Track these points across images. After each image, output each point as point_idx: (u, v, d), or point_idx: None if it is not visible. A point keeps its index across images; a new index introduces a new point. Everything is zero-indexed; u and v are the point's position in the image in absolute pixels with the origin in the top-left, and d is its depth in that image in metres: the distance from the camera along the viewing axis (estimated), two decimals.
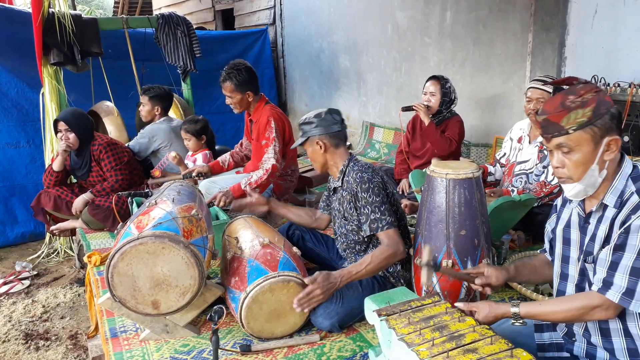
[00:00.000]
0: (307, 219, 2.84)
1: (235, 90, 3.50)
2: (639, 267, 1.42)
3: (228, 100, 3.57)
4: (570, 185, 1.55)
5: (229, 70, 3.50)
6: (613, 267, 1.47)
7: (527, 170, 3.15)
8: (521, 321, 1.64)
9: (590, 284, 1.57)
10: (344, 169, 2.46)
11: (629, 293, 1.44)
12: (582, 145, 1.48)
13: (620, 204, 1.50)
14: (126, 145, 4.21)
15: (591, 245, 1.57)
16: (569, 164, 1.52)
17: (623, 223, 1.47)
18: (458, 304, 1.72)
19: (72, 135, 3.67)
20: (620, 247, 1.46)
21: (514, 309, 1.63)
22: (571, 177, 1.53)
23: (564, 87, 1.58)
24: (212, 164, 3.94)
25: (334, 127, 2.46)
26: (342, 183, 2.48)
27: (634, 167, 1.54)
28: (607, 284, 1.48)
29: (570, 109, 1.47)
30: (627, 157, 1.56)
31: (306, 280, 2.19)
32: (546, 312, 1.60)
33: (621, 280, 1.45)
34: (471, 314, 1.69)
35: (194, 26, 5.22)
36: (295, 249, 2.49)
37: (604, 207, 1.54)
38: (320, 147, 2.46)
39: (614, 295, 1.46)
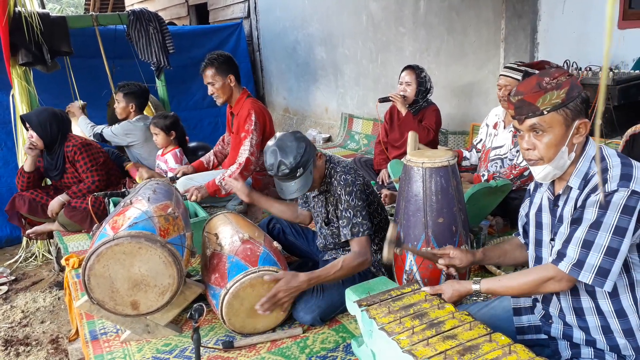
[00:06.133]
0: (290, 214, 2.82)
1: (217, 75, 3.45)
2: (590, 239, 1.46)
3: (210, 90, 3.51)
4: (540, 168, 1.57)
5: (208, 57, 3.49)
6: (568, 239, 1.51)
7: (501, 155, 3.19)
8: (483, 297, 1.67)
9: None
10: (326, 172, 2.43)
11: (579, 264, 1.47)
12: (555, 126, 1.50)
13: (584, 185, 1.53)
14: (99, 131, 4.19)
15: (558, 226, 1.60)
16: (541, 146, 1.53)
17: (584, 202, 1.50)
18: (424, 288, 1.76)
19: (35, 135, 3.60)
20: (575, 221, 1.51)
21: (475, 286, 1.69)
22: (542, 157, 1.55)
23: (534, 71, 1.60)
24: (196, 163, 3.89)
25: (310, 144, 2.38)
26: (326, 187, 2.44)
27: (598, 148, 1.56)
28: (560, 256, 1.52)
29: (547, 90, 1.49)
30: (591, 140, 1.58)
31: (266, 277, 2.14)
32: (504, 287, 1.65)
33: (573, 251, 1.49)
34: (438, 295, 1.73)
35: (167, 21, 5.14)
36: (275, 243, 2.47)
37: (569, 189, 1.58)
38: (320, 161, 2.39)
39: (565, 266, 1.50)
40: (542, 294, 1.67)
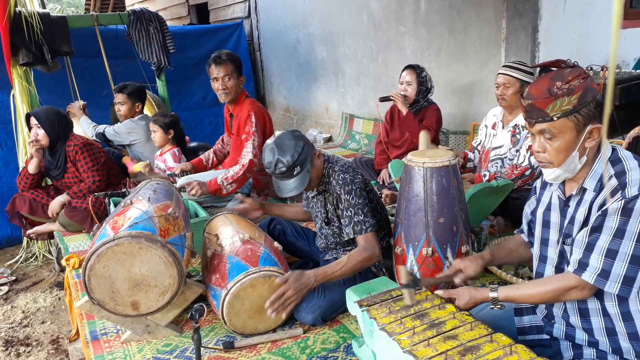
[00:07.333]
0: (303, 214, 2.82)
1: (235, 72, 3.50)
2: (614, 248, 1.43)
3: (222, 85, 3.47)
4: (550, 170, 1.56)
5: (226, 53, 3.52)
6: (589, 248, 1.48)
7: (501, 155, 3.18)
8: (499, 305, 1.66)
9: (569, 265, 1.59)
10: (325, 172, 2.43)
11: (604, 274, 1.45)
12: (565, 132, 1.48)
13: (600, 188, 1.50)
14: (101, 130, 4.22)
15: (570, 227, 1.58)
16: (551, 150, 1.52)
17: (601, 206, 1.47)
18: (438, 292, 1.74)
19: (41, 132, 3.60)
20: (597, 229, 1.47)
21: (493, 294, 1.65)
22: (552, 162, 1.53)
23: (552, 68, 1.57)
24: (195, 161, 3.89)
25: (308, 143, 2.37)
26: (324, 186, 2.44)
27: (613, 150, 1.54)
28: (582, 265, 1.50)
29: (557, 96, 1.45)
30: (606, 141, 1.56)
31: (277, 280, 2.13)
32: (524, 295, 1.62)
33: (597, 261, 1.46)
34: (450, 300, 1.70)
35: (168, 21, 5.15)
36: (276, 243, 2.47)
37: (583, 190, 1.55)
38: (318, 161, 2.38)
39: (589, 276, 1.48)
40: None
